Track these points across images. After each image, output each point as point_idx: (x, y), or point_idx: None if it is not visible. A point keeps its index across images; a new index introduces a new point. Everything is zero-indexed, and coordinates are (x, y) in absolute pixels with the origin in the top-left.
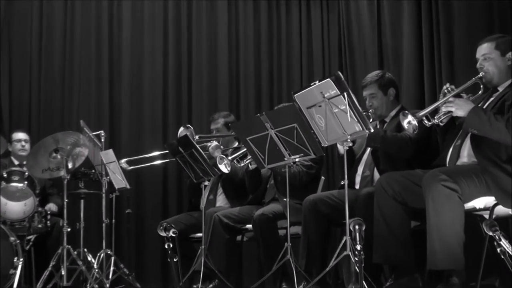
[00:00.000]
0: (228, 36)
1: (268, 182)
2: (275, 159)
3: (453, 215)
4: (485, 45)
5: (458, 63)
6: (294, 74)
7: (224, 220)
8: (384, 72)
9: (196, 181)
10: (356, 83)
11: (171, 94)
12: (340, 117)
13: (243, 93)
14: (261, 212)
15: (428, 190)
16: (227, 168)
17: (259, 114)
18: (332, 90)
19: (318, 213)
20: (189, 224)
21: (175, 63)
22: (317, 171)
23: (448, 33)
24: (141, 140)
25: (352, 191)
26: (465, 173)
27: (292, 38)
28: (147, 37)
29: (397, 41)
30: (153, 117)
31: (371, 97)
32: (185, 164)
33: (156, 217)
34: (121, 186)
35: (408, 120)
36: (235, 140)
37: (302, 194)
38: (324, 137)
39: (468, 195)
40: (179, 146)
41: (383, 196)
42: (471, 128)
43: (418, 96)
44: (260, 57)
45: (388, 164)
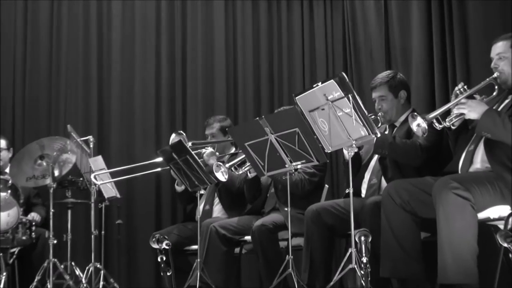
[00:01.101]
0: (225, 36)
1: (268, 190)
2: (275, 166)
3: (466, 226)
4: (500, 44)
5: (474, 64)
6: (296, 75)
7: (221, 232)
8: (396, 73)
9: (191, 189)
10: (361, 84)
11: (164, 97)
12: (344, 121)
13: (241, 95)
14: (260, 222)
15: (438, 199)
16: (224, 176)
17: (258, 118)
18: (336, 92)
19: (321, 224)
20: (184, 236)
21: (168, 65)
22: (320, 179)
23: (462, 32)
24: (132, 146)
25: (358, 200)
26: (478, 181)
27: (293, 37)
28: (138, 38)
29: (406, 40)
30: (145, 121)
31: (380, 99)
32: (179, 172)
33: (148, 228)
34: (111, 195)
35: (418, 122)
36: (232, 146)
37: (304, 204)
38: (328, 143)
39: (482, 204)
40: (173, 152)
41: (391, 205)
42: (484, 132)
43: (428, 98)
44: (260, 57)
45: (396, 171)
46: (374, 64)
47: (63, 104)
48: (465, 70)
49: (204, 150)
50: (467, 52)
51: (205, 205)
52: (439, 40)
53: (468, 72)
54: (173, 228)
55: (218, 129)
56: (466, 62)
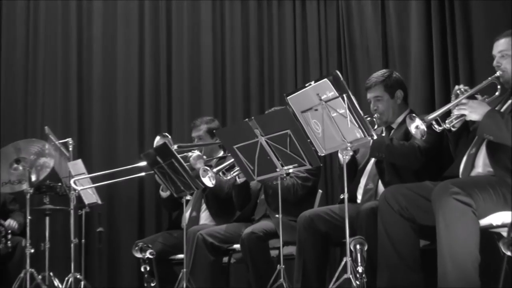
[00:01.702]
0: (213, 33)
1: (258, 196)
2: (266, 170)
3: (467, 233)
4: (502, 41)
5: (477, 61)
6: (287, 74)
7: (209, 240)
8: (391, 72)
9: (176, 195)
10: (357, 83)
11: (148, 97)
12: (339, 122)
13: (230, 95)
14: (250, 230)
15: (438, 204)
16: (211, 182)
17: (248, 119)
18: (330, 92)
19: (314, 231)
20: (169, 244)
21: (152, 63)
22: (313, 184)
23: (465, 28)
24: (114, 149)
25: (353, 206)
26: (480, 185)
27: (285, 34)
28: (120, 35)
29: (404, 37)
30: (127, 123)
31: (376, 100)
32: (164, 176)
33: (131, 236)
34: (91, 201)
35: (416, 124)
36: (220, 149)
37: (296, 210)
38: (321, 145)
39: (484, 210)
40: (158, 155)
41: (388, 212)
42: (486, 134)
43: (427, 98)
44: (249, 55)
45: (394, 175)
46: (370, 62)
47: (40, 105)
48: (468, 69)
49: (190, 153)
50: (471, 50)
51: (192, 211)
52: (439, 37)
53: (472, 71)
54: (157, 236)
55: (205, 131)
56: (469, 60)
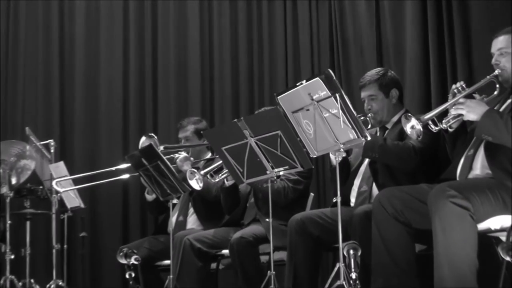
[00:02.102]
0: (200, 30)
1: (248, 200)
2: (255, 173)
3: (464, 237)
4: (501, 38)
5: (476, 59)
6: (278, 72)
7: (196, 245)
8: (386, 70)
9: (162, 199)
10: (350, 83)
11: (133, 97)
12: (331, 123)
13: (218, 95)
14: (239, 235)
15: (435, 208)
16: (199, 184)
17: (237, 120)
18: (322, 91)
19: (306, 236)
20: (155, 250)
21: (137, 62)
22: (305, 187)
23: (463, 25)
24: (98, 151)
25: (346, 209)
26: (478, 188)
27: (275, 31)
28: (103, 33)
29: (399, 34)
30: (111, 124)
31: (370, 99)
32: (150, 179)
33: (115, 242)
34: (74, 205)
35: (412, 124)
36: (208, 150)
37: (287, 214)
38: (313, 147)
39: (482, 214)
40: (143, 157)
41: (383, 215)
42: (484, 135)
43: (423, 97)
44: (238, 53)
45: (388, 177)
46: (364, 61)
47: (20, 105)
48: (466, 67)
49: (177, 155)
50: (469, 47)
51: (178, 216)
52: (435, 34)
53: (470, 69)
54: (143, 241)
55: (193, 132)
56: (468, 58)
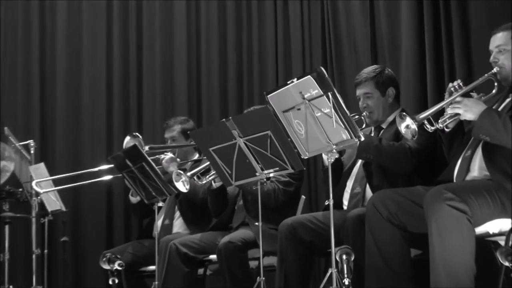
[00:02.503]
0: (187, 25)
1: (236, 203)
2: (244, 175)
3: (462, 242)
4: (499, 35)
5: (476, 57)
6: (268, 70)
7: (183, 250)
8: (383, 68)
9: (147, 201)
10: (343, 81)
11: (117, 95)
12: (323, 123)
13: (205, 93)
14: (227, 239)
15: (431, 211)
16: (185, 187)
17: (225, 120)
18: (314, 90)
19: (297, 240)
20: (139, 255)
21: (121, 58)
22: (296, 189)
23: (461, 20)
24: (80, 152)
25: (339, 212)
26: (476, 191)
27: (264, 27)
28: (86, 28)
29: (394, 30)
30: (94, 123)
31: (365, 97)
32: (134, 181)
33: (98, 246)
34: (55, 208)
35: (406, 124)
36: (195, 151)
37: (278, 217)
38: (305, 147)
39: (480, 217)
40: (127, 158)
41: (377, 218)
42: (482, 135)
43: (419, 96)
44: (226, 50)
45: (383, 179)
46: (358, 58)
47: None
48: (465, 64)
49: (163, 156)
50: (468, 43)
51: (164, 219)
52: (432, 30)
53: (469, 66)
54: (127, 246)
55: (179, 132)
56: (467, 55)
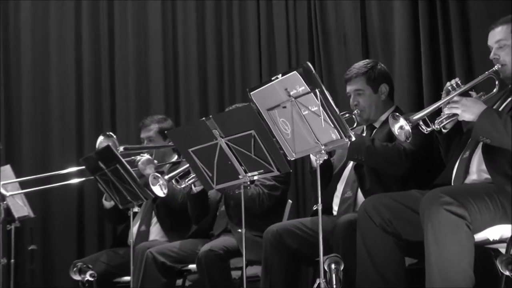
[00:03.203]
0: (162, 18)
1: (218, 208)
2: (226, 178)
3: (460, 249)
4: (498, 29)
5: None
6: (251, 65)
7: (160, 259)
8: (376, 63)
9: (122, 206)
10: (332, 77)
11: (88, 93)
12: (311, 122)
13: (184, 90)
14: (208, 248)
15: (427, 216)
16: (163, 191)
17: (205, 118)
18: (300, 87)
19: (283, 248)
20: (113, 264)
21: (92, 52)
22: (282, 193)
23: (460, 12)
24: (49, 153)
25: (328, 218)
26: (475, 194)
27: (247, 19)
28: (53, 18)
29: (387, 21)
30: (64, 123)
31: (356, 94)
32: (108, 185)
33: (69, 255)
34: (22, 214)
35: (400, 124)
36: (174, 152)
37: (262, 224)
38: (291, 148)
39: (479, 223)
40: (99, 160)
41: (369, 225)
42: (482, 136)
43: (414, 94)
44: (206, 43)
45: (375, 182)
46: (347, 52)
47: None
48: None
49: (138, 157)
50: (468, 37)
51: (140, 226)
52: (427, 22)
53: (469, 62)
54: (99, 254)
55: (156, 132)
56: (466, 50)
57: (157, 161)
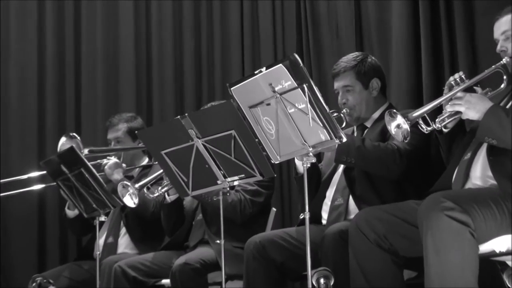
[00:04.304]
0: (135, 6)
1: (194, 217)
2: (203, 183)
3: (463, 260)
4: (504, 19)
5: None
6: (232, 58)
7: (131, 273)
8: (366, 56)
9: (87, 215)
10: (322, 71)
11: (51, 87)
12: (297, 121)
13: (157, 85)
14: (183, 261)
15: (426, 223)
16: (133, 200)
17: (180, 117)
18: (286, 81)
19: (267, 261)
20: (78, 280)
21: (55, 42)
22: (266, 199)
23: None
24: (6, 157)
25: (317, 228)
26: (480, 200)
27: (228, 6)
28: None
29: (383, 11)
30: (23, 122)
31: (345, 90)
32: (71, 191)
33: (27, 269)
34: None
35: (398, 123)
36: (144, 155)
37: (244, 234)
38: (275, 150)
39: (484, 232)
40: (62, 164)
41: (362, 242)
42: (488, 138)
43: (412, 90)
44: (182, 34)
45: (367, 188)
46: (340, 43)
47: None
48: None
49: (105, 160)
50: (472, 28)
51: (107, 236)
52: (428, 11)
53: (474, 54)
54: (62, 268)
55: (125, 132)
56: (470, 40)
57: (125, 164)
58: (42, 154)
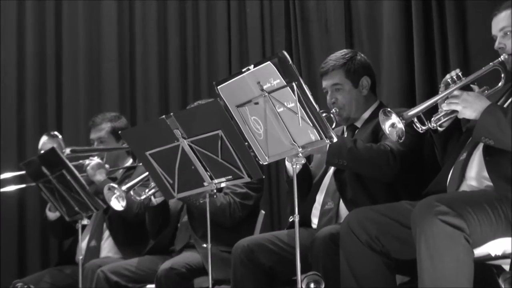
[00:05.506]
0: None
1: (179, 220)
2: (189, 185)
3: (458, 265)
4: (502, 15)
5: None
6: (219, 55)
7: (113, 278)
8: (355, 53)
9: (69, 218)
10: (311, 68)
11: (31, 87)
12: (286, 120)
13: (141, 84)
14: (169, 265)
15: (420, 228)
16: (121, 203)
17: (165, 116)
18: (275, 80)
19: (255, 266)
20: (59, 285)
21: (36, 40)
22: (254, 202)
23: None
24: None
25: (306, 231)
26: (475, 203)
27: (214, 3)
28: None
29: (374, 7)
30: (2, 121)
31: (334, 89)
32: (52, 193)
33: (8, 274)
34: None
35: (392, 122)
36: (128, 155)
37: (232, 237)
38: (264, 151)
39: (480, 236)
40: (43, 165)
41: (353, 244)
42: (485, 138)
43: (405, 88)
44: (167, 30)
45: (359, 191)
46: (329, 40)
47: None
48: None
49: (88, 161)
50: (464, 23)
51: (90, 240)
52: (420, 7)
53: (466, 52)
54: (43, 274)
55: (108, 132)
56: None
57: (109, 165)
58: (22, 155)
